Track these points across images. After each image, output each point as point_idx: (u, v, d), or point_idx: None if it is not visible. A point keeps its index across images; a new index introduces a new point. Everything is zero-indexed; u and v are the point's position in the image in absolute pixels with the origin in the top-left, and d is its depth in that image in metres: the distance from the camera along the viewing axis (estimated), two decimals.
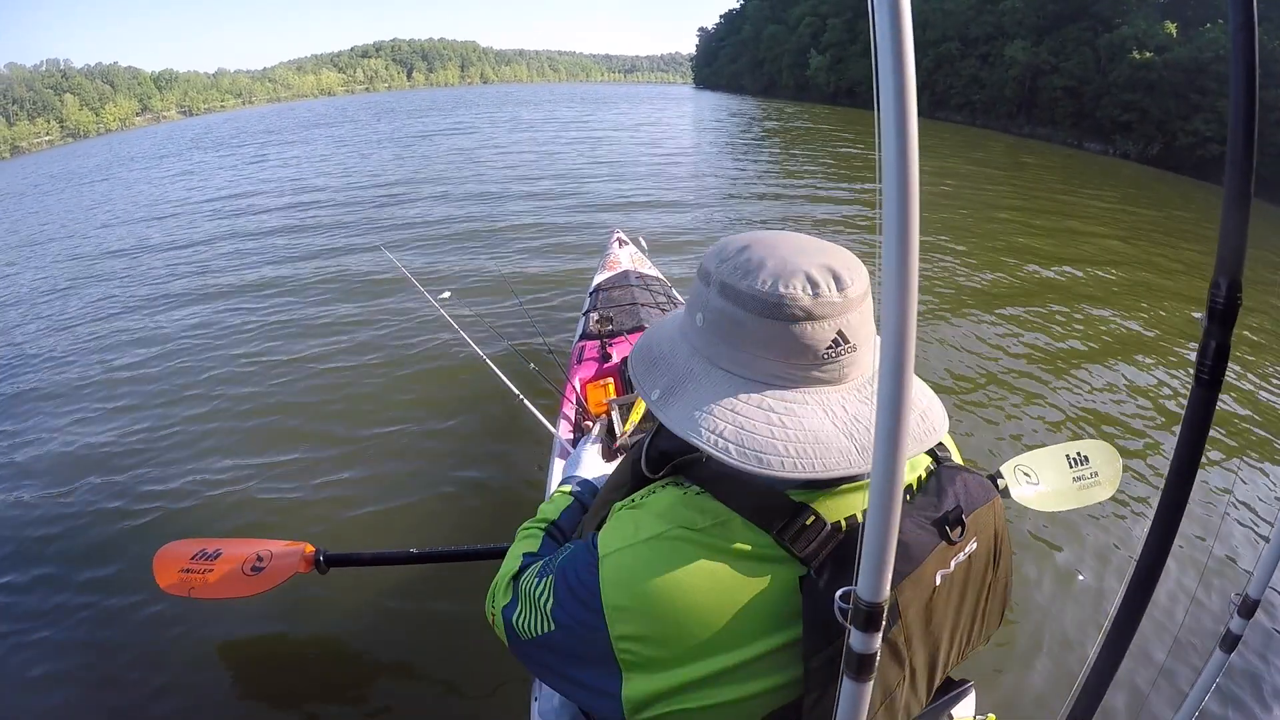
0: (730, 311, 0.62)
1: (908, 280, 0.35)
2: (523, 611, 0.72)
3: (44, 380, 4.05)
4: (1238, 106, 0.70)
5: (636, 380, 0.70)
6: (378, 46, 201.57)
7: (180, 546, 1.72)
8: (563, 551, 0.73)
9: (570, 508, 0.96)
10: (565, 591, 0.67)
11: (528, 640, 0.71)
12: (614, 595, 0.62)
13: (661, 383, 0.67)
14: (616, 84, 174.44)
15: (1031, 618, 2.11)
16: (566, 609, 0.66)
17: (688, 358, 0.67)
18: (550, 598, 0.69)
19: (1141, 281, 5.97)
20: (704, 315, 0.65)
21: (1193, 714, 1.07)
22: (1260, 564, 0.96)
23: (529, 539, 0.90)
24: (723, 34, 66.75)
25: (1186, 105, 19.50)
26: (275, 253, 6.65)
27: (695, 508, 0.64)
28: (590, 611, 0.63)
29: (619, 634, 0.61)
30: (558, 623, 0.67)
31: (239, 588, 1.58)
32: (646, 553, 0.62)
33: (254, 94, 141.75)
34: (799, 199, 9.01)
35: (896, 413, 0.38)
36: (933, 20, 30.72)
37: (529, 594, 0.72)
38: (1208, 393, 0.80)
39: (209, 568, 1.62)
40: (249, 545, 1.68)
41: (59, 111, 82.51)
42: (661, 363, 0.69)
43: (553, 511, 0.96)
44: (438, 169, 12.09)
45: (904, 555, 0.60)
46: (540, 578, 0.72)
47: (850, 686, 0.46)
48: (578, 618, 0.65)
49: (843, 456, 0.59)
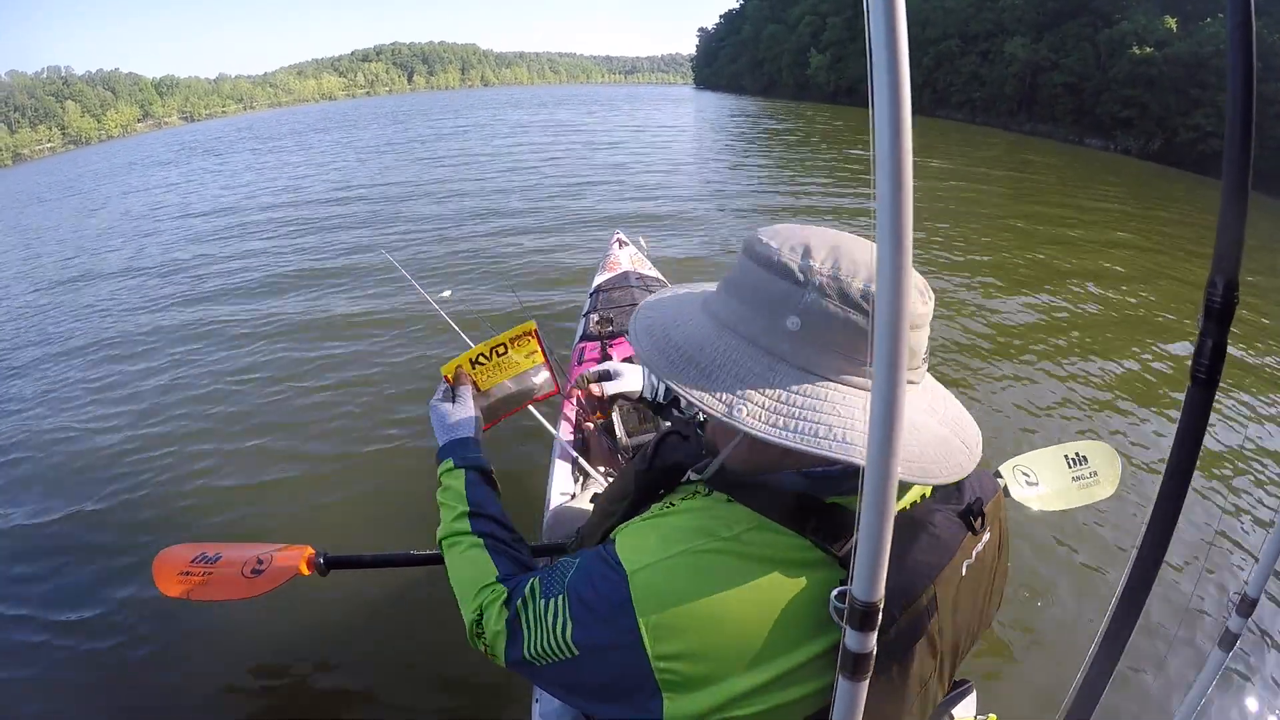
0: (844, 316, 0.57)
1: (901, 278, 0.35)
2: (532, 639, 0.66)
3: (37, 387, 4.07)
4: (1235, 108, 0.70)
5: (685, 391, 0.60)
6: (378, 50, 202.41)
7: (180, 550, 1.71)
8: (566, 567, 0.68)
9: (473, 483, 0.90)
10: (584, 612, 0.62)
11: (547, 668, 0.66)
12: (651, 613, 0.58)
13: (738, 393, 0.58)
14: (617, 85, 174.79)
15: (1031, 618, 2.10)
16: (590, 631, 0.62)
17: (767, 367, 0.59)
18: (566, 621, 0.63)
19: (1143, 280, 5.95)
20: (802, 320, 0.58)
21: (1192, 713, 1.07)
22: (1259, 563, 0.96)
23: (470, 548, 0.82)
24: (723, 34, 66.89)
25: (1187, 100, 19.48)
26: (275, 252, 6.67)
27: (724, 516, 0.62)
28: (621, 632, 0.59)
29: (660, 653, 0.58)
30: (581, 647, 0.62)
31: (238, 590, 1.57)
32: (682, 565, 0.59)
33: (255, 99, 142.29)
34: (790, 193, 9.02)
35: (892, 412, 0.38)
36: (933, 18, 30.75)
37: (536, 618, 0.66)
38: (1204, 391, 0.80)
39: (209, 571, 1.61)
40: (249, 549, 1.66)
41: (60, 119, 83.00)
42: (720, 372, 0.60)
43: (461, 500, 0.88)
44: (439, 170, 12.13)
45: (940, 547, 0.60)
46: (546, 598, 0.66)
47: (846, 686, 0.46)
48: (606, 640, 0.60)
49: (964, 454, 0.60)
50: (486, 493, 0.90)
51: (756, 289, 0.61)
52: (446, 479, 0.91)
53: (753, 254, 0.62)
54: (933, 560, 0.60)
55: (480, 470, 0.93)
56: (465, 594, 0.78)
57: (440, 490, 0.91)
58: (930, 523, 0.61)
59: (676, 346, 0.64)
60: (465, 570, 0.80)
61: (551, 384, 1.15)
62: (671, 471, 0.76)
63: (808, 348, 0.58)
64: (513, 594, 0.72)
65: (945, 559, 0.60)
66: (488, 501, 0.89)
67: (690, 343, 0.63)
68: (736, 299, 0.63)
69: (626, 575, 0.60)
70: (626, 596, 0.59)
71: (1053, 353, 4.16)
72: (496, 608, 0.72)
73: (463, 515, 0.86)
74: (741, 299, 0.62)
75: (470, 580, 0.78)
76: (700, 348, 0.62)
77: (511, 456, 2.87)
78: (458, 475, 0.91)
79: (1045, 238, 7.25)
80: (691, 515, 0.64)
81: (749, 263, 0.62)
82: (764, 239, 0.62)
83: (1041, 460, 1.58)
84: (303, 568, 1.56)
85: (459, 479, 0.90)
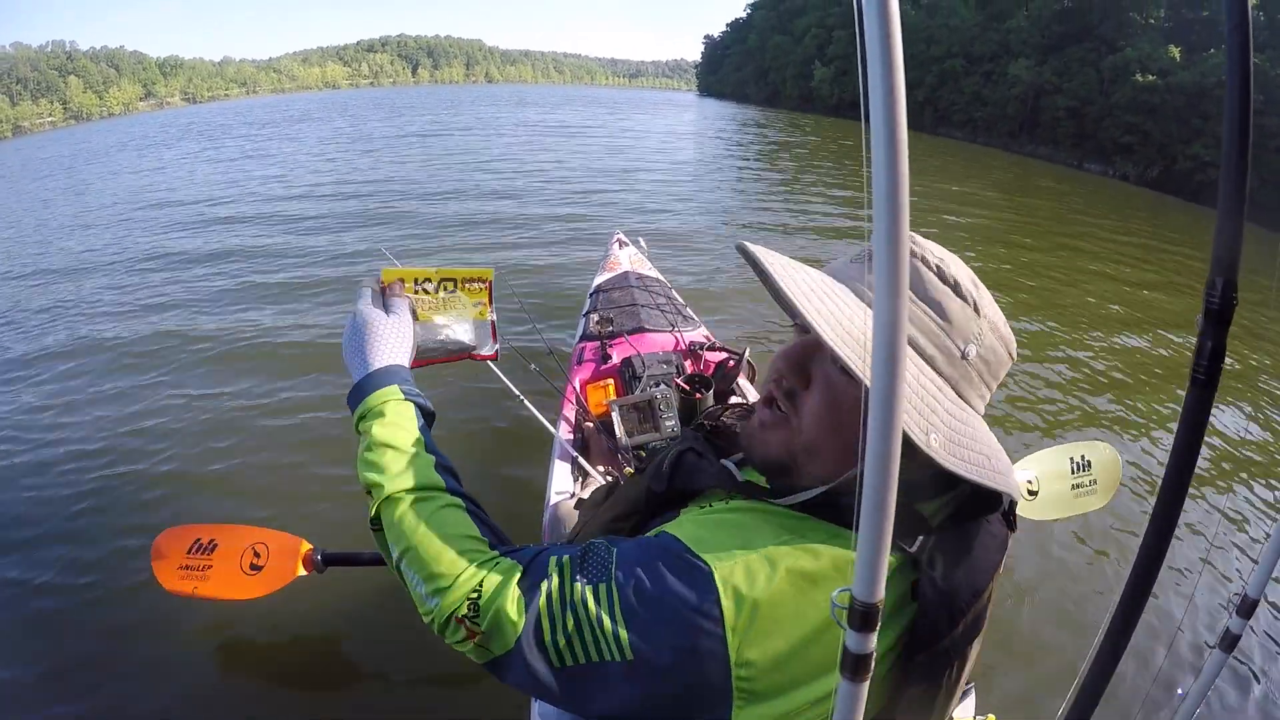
0: (1002, 351, 0.61)
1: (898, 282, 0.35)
2: (559, 629, 0.56)
3: (42, 372, 4.05)
4: (1232, 109, 0.71)
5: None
6: (384, 41, 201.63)
7: (176, 534, 1.72)
8: (602, 550, 0.60)
9: (425, 428, 0.72)
10: (651, 609, 0.54)
11: (578, 668, 0.56)
12: (740, 615, 0.52)
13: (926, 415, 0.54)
14: (621, 89, 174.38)
15: (1031, 618, 2.12)
16: (658, 632, 0.54)
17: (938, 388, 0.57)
18: (613, 616, 0.55)
19: (1147, 284, 6.01)
20: (978, 349, 0.59)
21: (1192, 713, 1.07)
22: (1259, 564, 0.96)
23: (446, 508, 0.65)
24: (728, 42, 66.94)
25: (1188, 129, 19.68)
26: (275, 252, 6.59)
27: (794, 518, 0.59)
28: (702, 635, 0.52)
29: (742, 659, 0.52)
30: (639, 650, 0.54)
31: (240, 589, 1.58)
32: (768, 564, 0.54)
33: (258, 84, 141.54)
34: (788, 210, 9.03)
35: (891, 412, 0.37)
36: (938, 36, 30.94)
37: (566, 605, 0.56)
38: (1204, 392, 0.80)
39: (208, 563, 1.62)
40: (245, 535, 1.68)
41: (63, 93, 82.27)
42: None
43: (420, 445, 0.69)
44: (440, 171, 12.04)
45: (998, 545, 0.61)
46: (585, 582, 0.57)
47: (847, 688, 0.45)
48: (680, 642, 0.53)
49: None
50: (436, 445, 0.72)
51: (939, 308, 0.58)
52: (391, 412, 0.70)
53: (934, 269, 0.59)
54: (993, 557, 0.60)
55: (428, 413, 0.75)
56: (441, 564, 0.61)
57: (380, 424, 0.69)
58: (987, 520, 0.61)
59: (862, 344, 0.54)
60: (442, 531, 0.63)
61: (492, 346, 0.99)
62: (688, 494, 0.71)
63: (971, 376, 0.59)
64: (531, 571, 0.60)
65: (1000, 556, 0.61)
66: (445, 457, 0.71)
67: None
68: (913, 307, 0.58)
69: (712, 571, 0.54)
70: (714, 596, 0.53)
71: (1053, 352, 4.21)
72: (509, 589, 0.58)
73: (429, 463, 0.68)
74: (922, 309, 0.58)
75: (451, 545, 0.62)
76: None
77: (512, 456, 2.87)
78: (407, 409, 0.71)
79: (1044, 251, 7.31)
80: (758, 514, 0.60)
81: (931, 277, 0.59)
82: (936, 255, 0.60)
83: (1045, 462, 1.59)
84: (302, 567, 1.57)
85: (408, 415, 0.71)
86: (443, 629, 0.60)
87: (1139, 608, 0.91)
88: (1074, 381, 3.98)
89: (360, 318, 0.79)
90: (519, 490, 2.66)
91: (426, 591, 0.61)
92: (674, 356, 2.28)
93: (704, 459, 0.70)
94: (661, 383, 2.15)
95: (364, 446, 0.70)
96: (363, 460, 0.69)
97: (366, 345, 0.77)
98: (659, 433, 1.94)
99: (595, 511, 0.85)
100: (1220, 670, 1.04)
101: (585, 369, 2.45)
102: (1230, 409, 3.67)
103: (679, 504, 0.70)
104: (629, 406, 1.97)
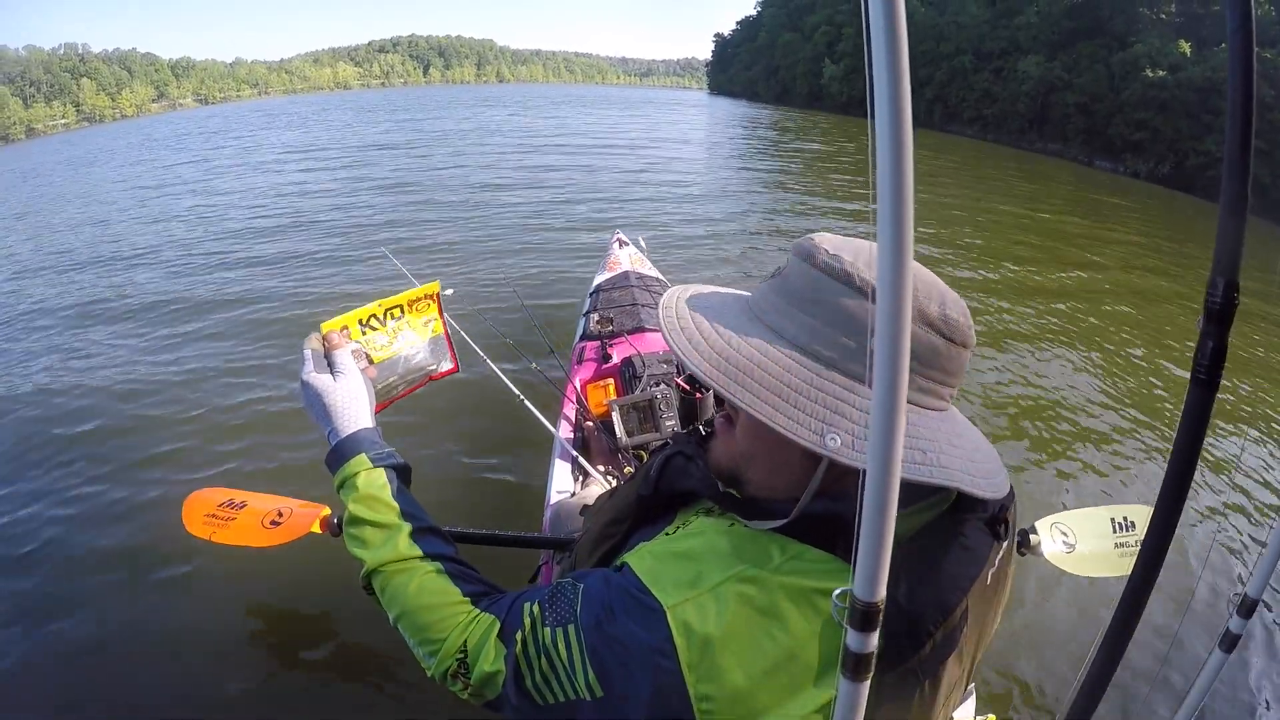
0: (926, 339, 0.57)
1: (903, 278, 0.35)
2: (536, 673, 0.60)
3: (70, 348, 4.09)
4: (1235, 106, 0.70)
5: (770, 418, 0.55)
6: (395, 42, 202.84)
7: (210, 493, 1.81)
8: (568, 591, 0.62)
9: (400, 489, 0.77)
10: (611, 649, 0.57)
11: (556, 706, 0.60)
12: (695, 650, 0.54)
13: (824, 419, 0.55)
14: (632, 87, 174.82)
15: (1031, 618, 2.11)
16: (619, 670, 0.56)
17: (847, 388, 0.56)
18: (580, 657, 0.58)
19: (1150, 288, 5.96)
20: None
21: (1192, 714, 1.07)
22: (1259, 563, 0.96)
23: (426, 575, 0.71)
24: (738, 40, 66.92)
25: (1199, 125, 19.49)
26: (274, 251, 6.65)
27: (753, 540, 0.59)
28: (660, 672, 0.54)
29: (702, 694, 0.53)
30: (607, 688, 0.57)
31: (255, 538, 1.63)
32: (725, 598, 0.55)
33: (270, 85, 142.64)
34: (788, 210, 9.00)
35: (893, 411, 0.38)
36: (947, 33, 30.79)
37: (541, 650, 0.60)
38: (1205, 392, 0.80)
39: (232, 516, 1.71)
40: (272, 501, 1.74)
41: (75, 95, 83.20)
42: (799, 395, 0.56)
43: (394, 513, 0.74)
44: (440, 170, 12.09)
45: (971, 558, 0.59)
46: (552, 626, 0.60)
47: (848, 688, 0.45)
48: (640, 679, 0.55)
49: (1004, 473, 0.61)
50: (413, 500, 0.77)
51: (833, 307, 0.57)
52: (363, 484, 0.75)
53: (823, 267, 0.58)
54: (966, 572, 0.58)
55: (398, 469, 0.78)
56: (429, 630, 0.67)
57: (354, 500, 0.74)
58: (961, 533, 0.60)
59: (737, 365, 0.58)
60: (425, 600, 0.68)
61: (450, 360, 0.97)
62: (678, 498, 0.71)
63: None
64: (508, 623, 0.64)
65: (977, 570, 0.59)
66: (420, 510, 0.76)
67: (754, 360, 0.58)
68: (805, 314, 0.59)
69: (664, 610, 0.55)
70: (667, 634, 0.54)
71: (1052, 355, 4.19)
72: (490, 642, 0.63)
73: (403, 534, 0.73)
74: (811, 314, 0.58)
75: (435, 612, 0.68)
76: (765, 366, 0.57)
77: (512, 456, 2.88)
78: (377, 478, 0.75)
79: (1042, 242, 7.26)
80: (720, 537, 0.60)
81: (820, 276, 0.58)
82: (831, 250, 0.59)
83: (1083, 520, 1.55)
84: (316, 526, 1.60)
85: (379, 485, 0.75)
86: (442, 681, 0.67)
87: (1139, 608, 0.90)
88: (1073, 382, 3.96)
89: (310, 390, 0.79)
90: (520, 490, 2.66)
91: (422, 653, 0.68)
92: (674, 356, 2.27)
93: (693, 463, 0.70)
94: (662, 382, 2.14)
95: (346, 521, 0.76)
96: (346, 535, 0.76)
97: (325, 415, 0.79)
98: (659, 433, 1.94)
99: (594, 518, 0.86)
100: (1220, 670, 1.04)
101: (585, 369, 2.45)
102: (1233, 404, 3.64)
103: (670, 507, 0.72)
104: (629, 406, 1.97)
